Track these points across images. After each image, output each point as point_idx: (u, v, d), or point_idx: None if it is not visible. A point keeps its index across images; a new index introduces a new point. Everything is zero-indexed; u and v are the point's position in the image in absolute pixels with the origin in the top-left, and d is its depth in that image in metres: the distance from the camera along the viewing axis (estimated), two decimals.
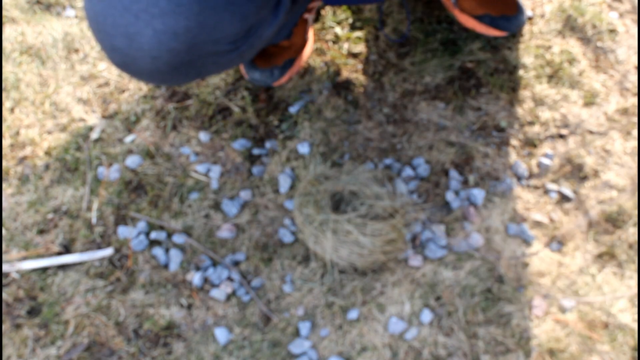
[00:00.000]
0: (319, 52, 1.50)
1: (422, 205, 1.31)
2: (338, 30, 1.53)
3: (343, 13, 1.56)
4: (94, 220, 1.32)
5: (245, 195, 1.34)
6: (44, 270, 1.27)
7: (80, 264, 1.28)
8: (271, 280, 1.25)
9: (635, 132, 1.37)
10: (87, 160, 1.39)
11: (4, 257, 1.28)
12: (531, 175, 1.33)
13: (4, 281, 1.26)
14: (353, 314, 1.20)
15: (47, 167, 1.39)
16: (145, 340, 1.20)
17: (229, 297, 1.24)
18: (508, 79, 1.44)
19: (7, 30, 1.58)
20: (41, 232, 1.31)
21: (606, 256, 1.24)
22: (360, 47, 1.51)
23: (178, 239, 1.29)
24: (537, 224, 1.28)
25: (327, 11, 1.55)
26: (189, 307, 1.23)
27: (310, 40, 1.49)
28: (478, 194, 1.31)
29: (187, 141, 1.40)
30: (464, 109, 1.41)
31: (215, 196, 1.34)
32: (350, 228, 1.18)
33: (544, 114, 1.40)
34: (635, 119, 1.38)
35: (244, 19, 1.07)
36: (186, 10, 0.99)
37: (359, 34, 1.52)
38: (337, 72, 1.47)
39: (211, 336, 1.20)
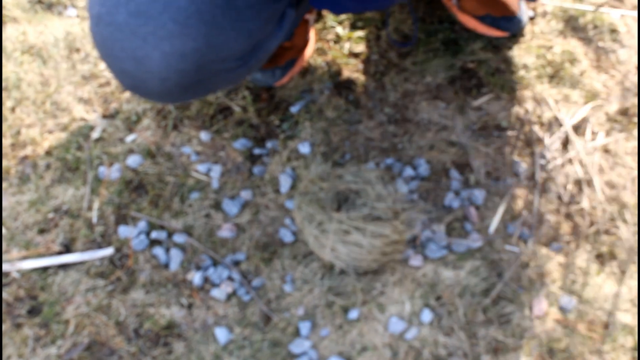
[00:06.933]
0: (320, 52, 1.50)
1: (423, 205, 1.31)
2: (339, 30, 1.53)
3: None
4: (94, 220, 1.32)
5: (246, 195, 1.34)
6: (44, 269, 1.27)
7: (81, 263, 1.28)
8: (271, 280, 1.25)
9: (635, 132, 1.37)
10: (88, 160, 1.39)
11: (5, 256, 1.28)
12: (531, 175, 1.33)
13: (5, 281, 1.26)
14: (353, 314, 1.20)
15: (48, 166, 1.39)
16: (145, 339, 1.20)
17: (229, 297, 1.24)
18: (509, 79, 1.44)
19: (9, 29, 1.58)
20: (42, 231, 1.32)
21: (606, 256, 1.24)
22: (362, 47, 1.51)
23: (179, 238, 1.29)
24: (537, 224, 1.28)
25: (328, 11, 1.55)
26: (190, 306, 1.23)
27: (312, 40, 1.49)
28: (479, 193, 1.30)
29: (188, 141, 1.40)
30: (465, 109, 1.41)
31: (216, 196, 1.34)
32: (350, 229, 1.18)
33: (545, 114, 1.39)
34: (636, 119, 1.38)
35: (251, 36, 1.07)
36: (194, 32, 0.99)
37: (360, 33, 1.52)
38: (339, 72, 1.47)
39: (211, 336, 1.20)
